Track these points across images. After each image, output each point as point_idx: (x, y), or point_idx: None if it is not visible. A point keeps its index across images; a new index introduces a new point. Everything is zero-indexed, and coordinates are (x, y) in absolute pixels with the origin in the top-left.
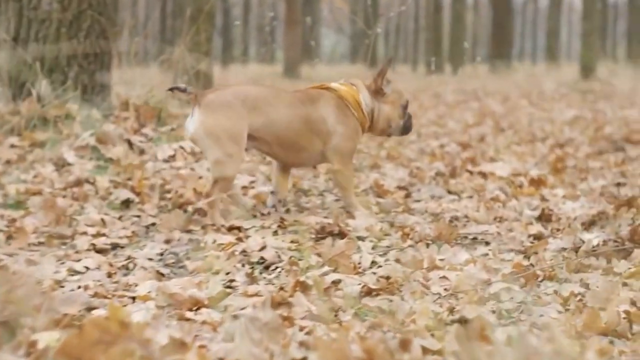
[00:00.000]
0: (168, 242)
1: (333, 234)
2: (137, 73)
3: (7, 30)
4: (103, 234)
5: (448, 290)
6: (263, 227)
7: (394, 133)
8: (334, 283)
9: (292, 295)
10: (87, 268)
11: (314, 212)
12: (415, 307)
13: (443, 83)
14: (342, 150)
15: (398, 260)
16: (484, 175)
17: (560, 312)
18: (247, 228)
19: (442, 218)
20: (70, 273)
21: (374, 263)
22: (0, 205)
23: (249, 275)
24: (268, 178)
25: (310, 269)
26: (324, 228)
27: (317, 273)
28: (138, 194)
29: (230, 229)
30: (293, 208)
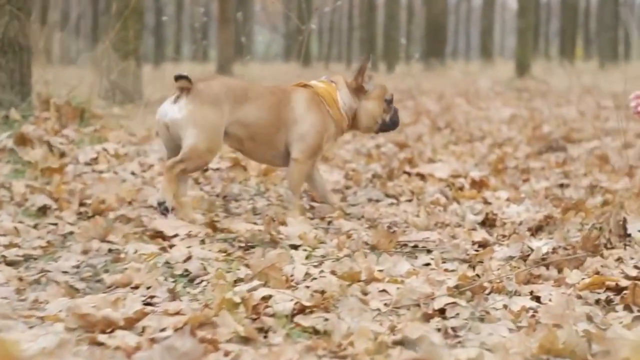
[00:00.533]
0: (86, 252)
1: (264, 242)
2: (59, 71)
3: None
4: (16, 244)
5: (388, 306)
6: (189, 235)
7: (381, 129)
8: (264, 299)
9: (217, 315)
10: None
11: (245, 218)
12: (353, 326)
13: None
14: (306, 141)
15: (334, 272)
16: (423, 177)
17: (512, 329)
18: (171, 236)
19: (380, 224)
20: None
21: (308, 275)
22: None
23: (171, 291)
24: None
25: (239, 283)
26: (255, 236)
27: (245, 288)
28: (56, 200)
29: (154, 237)
30: (222, 214)
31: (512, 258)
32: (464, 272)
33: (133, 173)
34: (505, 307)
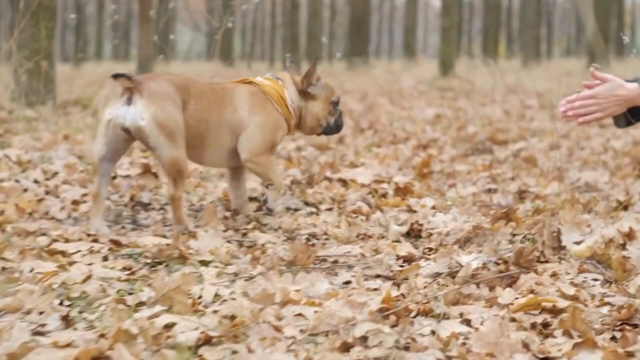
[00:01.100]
0: None
1: (172, 258)
2: None
3: None
4: None
5: (304, 332)
6: (92, 250)
7: (325, 131)
8: (167, 327)
9: (112, 347)
10: None
11: (154, 230)
12: (265, 358)
13: None
14: (255, 140)
15: (246, 294)
16: (345, 183)
17: None
18: (72, 252)
19: (298, 236)
20: None
21: (218, 296)
22: None
23: (65, 318)
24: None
25: (141, 307)
26: (162, 251)
27: (146, 314)
28: None
29: (53, 254)
30: (129, 225)
31: (439, 275)
32: (388, 291)
33: (36, 181)
34: (433, 332)
